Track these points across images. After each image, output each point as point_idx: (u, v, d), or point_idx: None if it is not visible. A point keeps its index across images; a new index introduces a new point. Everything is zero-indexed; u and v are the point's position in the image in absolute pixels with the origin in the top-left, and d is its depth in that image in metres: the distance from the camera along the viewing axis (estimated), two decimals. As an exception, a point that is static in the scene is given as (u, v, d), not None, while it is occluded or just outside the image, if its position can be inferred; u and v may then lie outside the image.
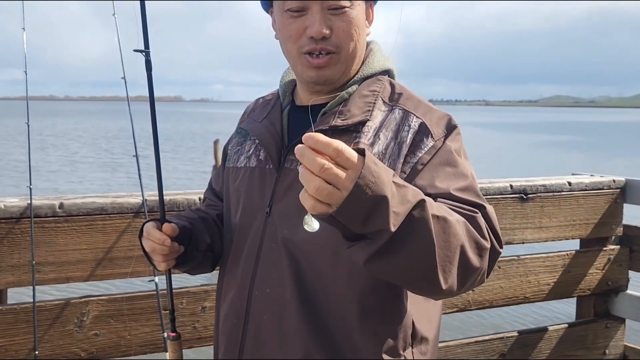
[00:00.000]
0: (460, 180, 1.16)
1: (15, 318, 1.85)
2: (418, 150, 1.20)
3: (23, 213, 1.83)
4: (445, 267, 0.98)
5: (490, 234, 1.11)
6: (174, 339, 1.30)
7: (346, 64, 1.27)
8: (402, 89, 1.33)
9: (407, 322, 1.23)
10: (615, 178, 2.72)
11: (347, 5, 1.22)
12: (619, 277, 2.73)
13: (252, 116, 1.44)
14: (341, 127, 1.24)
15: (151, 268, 1.89)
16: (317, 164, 0.85)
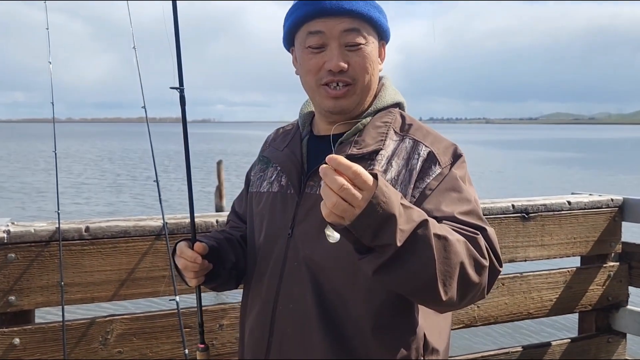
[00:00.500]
0: (464, 205, 1.26)
1: (44, 337, 1.94)
2: (426, 177, 1.31)
3: (52, 237, 1.94)
4: (445, 280, 1.09)
5: (490, 254, 1.21)
6: (203, 350, 1.39)
7: (361, 95, 1.39)
8: (411, 120, 1.44)
9: (419, 334, 1.32)
10: (613, 197, 2.82)
11: (362, 42, 1.35)
12: (619, 292, 2.82)
13: (273, 145, 1.56)
14: (357, 155, 1.34)
15: (172, 288, 2.01)
16: (337, 183, 0.97)
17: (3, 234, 1.89)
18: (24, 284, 1.91)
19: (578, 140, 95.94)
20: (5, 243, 1.89)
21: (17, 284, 1.91)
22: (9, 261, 1.89)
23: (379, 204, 1.00)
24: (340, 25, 1.33)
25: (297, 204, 1.39)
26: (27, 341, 1.91)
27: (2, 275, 1.89)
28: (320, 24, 1.34)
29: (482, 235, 1.21)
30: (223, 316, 2.13)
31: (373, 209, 0.99)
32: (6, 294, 1.90)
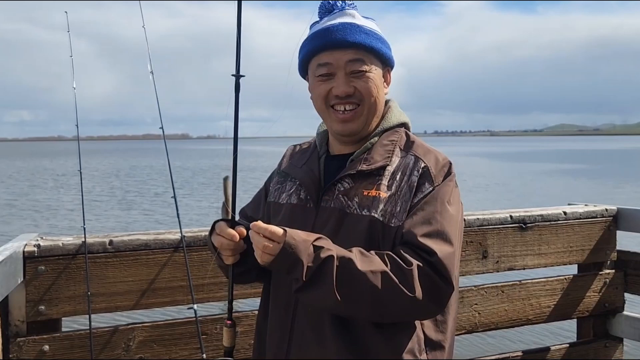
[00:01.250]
0: (430, 226, 1.40)
1: (71, 344, 2.08)
2: (420, 193, 1.46)
3: (78, 250, 2.08)
4: (350, 304, 1.34)
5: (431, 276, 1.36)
6: (230, 326, 1.52)
7: (367, 117, 1.55)
8: (414, 139, 1.59)
9: (417, 330, 1.46)
10: (607, 207, 2.95)
11: (366, 69, 1.51)
12: (615, 299, 2.94)
13: (292, 161, 1.71)
14: (366, 171, 1.50)
15: (189, 297, 2.14)
16: (258, 241, 1.35)
17: (34, 247, 2.04)
18: (53, 294, 2.06)
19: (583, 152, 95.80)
20: (36, 256, 2.04)
21: (47, 294, 2.05)
22: (39, 273, 2.04)
23: (287, 251, 1.33)
24: (345, 56, 1.50)
25: (315, 215, 1.53)
26: (56, 348, 2.05)
27: (32, 286, 2.03)
28: (328, 56, 1.51)
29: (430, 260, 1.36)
30: (237, 324, 2.26)
31: (285, 252, 1.33)
32: (36, 304, 2.04)
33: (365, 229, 1.45)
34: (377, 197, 1.46)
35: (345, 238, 1.45)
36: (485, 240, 2.65)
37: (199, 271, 2.22)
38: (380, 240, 1.44)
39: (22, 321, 2.04)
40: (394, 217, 1.44)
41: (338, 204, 1.50)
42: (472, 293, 2.63)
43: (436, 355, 1.49)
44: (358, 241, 1.43)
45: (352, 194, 1.50)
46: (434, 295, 1.37)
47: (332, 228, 1.48)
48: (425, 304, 1.36)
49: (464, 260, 2.60)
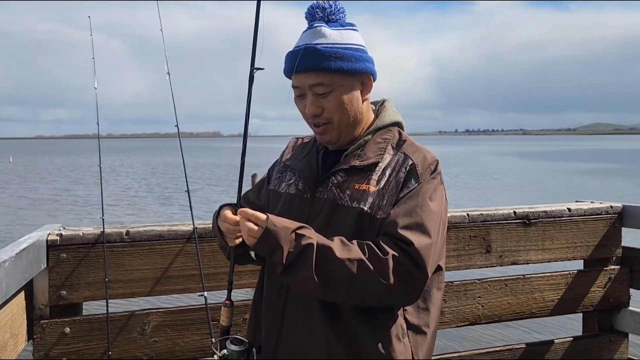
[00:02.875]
0: (409, 218, 1.50)
1: (90, 327, 2.23)
2: (405, 188, 1.56)
3: (97, 239, 2.23)
4: (328, 288, 1.45)
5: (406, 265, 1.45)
6: (229, 306, 1.63)
7: (341, 129, 1.64)
8: (406, 137, 1.69)
9: (400, 316, 1.56)
10: (612, 204, 2.99)
11: (329, 90, 1.59)
12: (620, 294, 2.98)
13: (294, 154, 1.82)
14: (359, 166, 1.61)
15: (200, 285, 2.28)
16: (243, 225, 1.49)
17: (56, 237, 2.19)
18: (74, 280, 2.21)
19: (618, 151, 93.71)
20: (58, 245, 2.19)
21: (68, 280, 2.20)
22: (61, 260, 2.19)
23: (268, 235, 1.46)
24: (308, 80, 1.60)
25: (310, 205, 1.65)
26: (76, 330, 2.21)
27: (55, 272, 2.19)
28: (296, 80, 1.63)
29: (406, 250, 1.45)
30: (246, 311, 2.38)
31: (266, 236, 1.46)
32: (58, 289, 2.19)
33: (354, 219, 1.55)
34: (367, 190, 1.57)
35: (335, 227, 1.56)
36: (489, 235, 2.73)
37: (210, 261, 2.35)
38: (367, 230, 1.54)
39: (45, 305, 2.20)
40: (380, 209, 1.54)
41: (331, 195, 1.61)
42: (476, 286, 2.71)
43: (417, 340, 1.59)
44: (347, 230, 1.54)
45: (345, 186, 1.60)
46: (408, 283, 1.46)
47: (325, 217, 1.59)
48: (399, 290, 1.46)
49: (468, 254, 2.68)
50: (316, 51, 1.58)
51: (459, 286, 2.68)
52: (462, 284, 2.69)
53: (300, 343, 1.59)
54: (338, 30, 1.63)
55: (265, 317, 1.70)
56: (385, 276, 1.43)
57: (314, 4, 1.65)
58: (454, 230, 2.66)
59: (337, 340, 1.53)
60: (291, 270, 1.46)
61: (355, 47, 1.63)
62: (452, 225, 2.65)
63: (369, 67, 1.65)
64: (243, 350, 1.56)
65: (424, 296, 1.61)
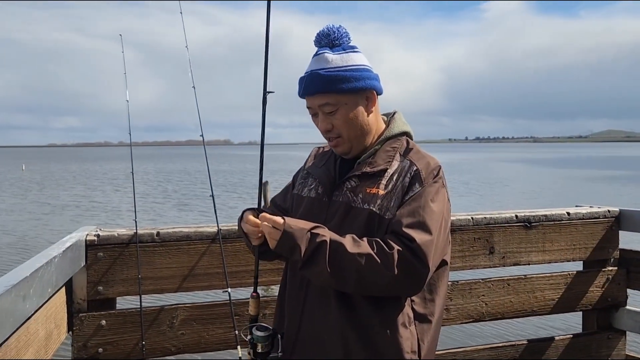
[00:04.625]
0: (413, 218, 1.69)
1: (124, 320, 2.44)
2: (410, 191, 1.75)
3: (131, 240, 2.44)
4: (339, 280, 1.66)
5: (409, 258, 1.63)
6: (255, 297, 1.84)
7: (351, 141, 1.84)
8: (413, 146, 1.88)
9: (407, 306, 1.75)
10: (610, 209, 3.17)
11: (334, 109, 1.80)
12: (618, 294, 3.15)
13: (315, 162, 2.04)
14: (369, 173, 1.81)
15: (224, 282, 2.48)
16: (264, 229, 1.72)
17: (94, 237, 2.41)
18: (109, 277, 2.42)
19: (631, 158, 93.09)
20: (96, 244, 2.40)
21: (104, 277, 2.41)
22: (98, 259, 2.40)
23: (287, 234, 1.67)
24: (316, 102, 1.82)
25: (327, 207, 1.85)
26: (112, 323, 2.41)
27: (92, 270, 2.40)
28: (308, 102, 1.85)
29: (412, 246, 1.64)
30: (266, 307, 2.57)
31: (284, 238, 1.68)
32: (96, 285, 2.40)
33: (365, 219, 1.75)
34: (377, 194, 1.76)
35: (349, 226, 1.76)
36: (492, 237, 2.91)
37: (233, 260, 2.55)
38: (376, 229, 1.74)
39: (83, 300, 2.41)
40: (388, 210, 1.74)
41: (345, 198, 1.81)
42: (479, 285, 2.89)
43: (423, 327, 1.78)
44: (359, 229, 1.74)
45: (358, 191, 1.80)
46: (411, 275, 1.65)
47: (340, 218, 1.80)
48: (403, 282, 1.65)
49: (472, 255, 2.87)
50: (320, 76, 1.79)
51: (463, 285, 2.86)
52: (467, 283, 2.88)
53: (318, 329, 1.78)
54: (340, 55, 1.82)
55: (288, 308, 1.90)
56: (390, 268, 1.62)
57: (320, 31, 1.86)
58: (459, 232, 2.84)
59: (349, 327, 1.73)
60: (308, 265, 1.67)
61: (355, 67, 1.81)
62: (457, 228, 2.83)
63: (370, 83, 1.83)
64: (267, 336, 1.76)
65: (430, 288, 1.80)
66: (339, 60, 1.81)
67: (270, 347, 1.78)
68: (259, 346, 1.76)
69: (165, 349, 2.49)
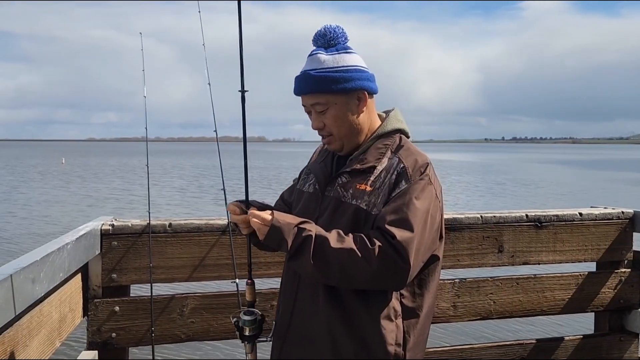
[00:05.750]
0: (396, 215, 1.72)
1: (136, 307, 2.54)
2: (397, 188, 1.78)
3: (143, 230, 2.54)
4: (323, 272, 1.72)
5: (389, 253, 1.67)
6: (251, 285, 1.93)
7: (342, 139, 1.89)
8: (405, 143, 1.91)
9: (394, 299, 1.79)
10: (624, 210, 3.14)
11: (325, 108, 1.86)
12: (631, 296, 3.12)
13: (316, 159, 2.09)
14: (359, 169, 1.85)
15: (233, 273, 2.55)
16: (253, 224, 1.77)
17: (109, 226, 2.51)
18: (123, 265, 2.52)
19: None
20: (111, 234, 2.51)
21: (118, 265, 2.52)
22: (112, 247, 2.51)
23: (275, 229, 1.74)
24: (308, 101, 1.88)
25: (320, 202, 1.91)
26: (124, 309, 2.51)
27: (107, 258, 2.51)
28: (302, 100, 1.91)
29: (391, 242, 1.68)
30: (273, 298, 2.64)
31: (272, 232, 1.74)
32: (110, 272, 2.51)
33: (352, 215, 1.80)
34: (365, 190, 1.80)
35: (338, 221, 1.81)
36: (502, 236, 2.92)
37: (242, 252, 2.61)
38: (363, 224, 1.78)
39: (98, 286, 2.52)
40: (375, 206, 1.78)
41: (336, 194, 1.87)
42: (488, 283, 2.91)
43: (410, 321, 1.81)
44: (347, 223, 1.79)
45: (348, 186, 1.85)
46: (392, 270, 1.68)
47: (330, 213, 1.85)
48: (384, 276, 1.69)
49: (480, 253, 2.88)
50: (311, 77, 1.84)
51: (471, 283, 2.88)
52: (475, 280, 2.89)
53: (307, 319, 1.85)
54: (332, 55, 1.86)
55: (282, 298, 1.97)
56: (371, 263, 1.67)
57: (317, 32, 1.91)
58: (468, 230, 2.86)
59: (336, 318, 1.78)
60: (295, 258, 1.74)
61: (346, 68, 1.85)
62: (465, 226, 2.85)
63: (360, 84, 1.86)
64: (252, 320, 1.85)
65: (420, 283, 1.84)
66: (331, 61, 1.86)
67: (257, 330, 1.87)
68: (246, 329, 1.85)
69: (175, 336, 2.58)
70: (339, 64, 1.86)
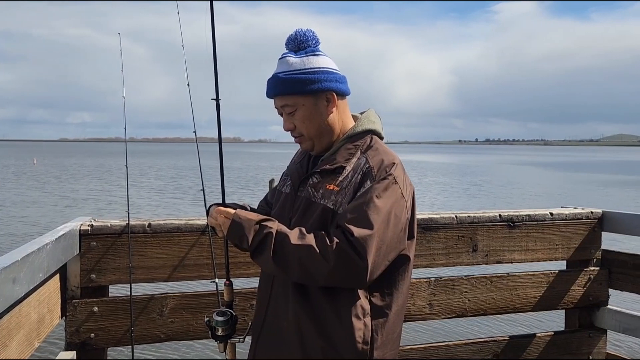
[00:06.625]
0: (355, 213, 1.75)
1: (115, 307, 2.55)
2: (362, 188, 1.81)
3: (123, 230, 2.55)
4: (283, 267, 1.76)
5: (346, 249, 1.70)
6: (229, 285, 1.97)
7: (313, 140, 1.94)
8: (374, 144, 1.93)
9: (363, 298, 1.81)
10: (593, 210, 3.24)
11: (294, 110, 1.91)
12: (599, 294, 3.22)
13: (295, 159, 2.13)
14: (328, 169, 1.89)
15: (212, 273, 2.58)
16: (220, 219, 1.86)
17: (88, 227, 2.52)
18: (102, 265, 2.53)
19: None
20: (90, 234, 2.52)
21: (97, 265, 2.52)
22: (91, 248, 2.51)
23: (236, 225, 1.80)
24: (278, 103, 1.93)
25: (294, 202, 1.95)
26: (103, 309, 2.52)
27: (86, 258, 2.51)
28: (274, 102, 1.95)
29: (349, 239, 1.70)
30: (253, 298, 2.67)
31: (233, 227, 1.81)
32: (89, 273, 2.51)
33: (320, 214, 1.83)
34: (333, 190, 1.83)
35: (307, 220, 1.85)
36: (476, 235, 2.99)
37: (222, 252, 2.61)
38: (331, 223, 1.81)
39: (77, 287, 2.52)
40: (341, 206, 1.80)
41: (307, 194, 1.90)
42: (462, 282, 2.98)
43: (379, 321, 1.83)
44: (315, 223, 1.82)
45: (319, 187, 1.88)
46: (349, 267, 1.71)
47: (302, 212, 1.89)
48: (342, 273, 1.71)
49: (455, 252, 2.95)
50: (280, 79, 1.89)
51: (447, 281, 2.95)
52: (450, 279, 2.96)
53: (279, 318, 1.88)
54: (300, 58, 1.90)
55: (258, 297, 2.01)
56: (328, 259, 1.70)
57: (289, 36, 1.96)
58: (443, 230, 2.93)
59: (305, 317, 1.81)
60: (256, 254, 1.80)
61: (313, 70, 1.88)
62: (441, 226, 2.92)
63: (327, 85, 1.90)
64: (224, 320, 1.89)
65: (390, 282, 1.86)
66: (299, 63, 1.89)
67: (230, 330, 1.90)
68: (219, 330, 1.89)
69: (155, 336, 2.60)
70: (306, 66, 1.89)
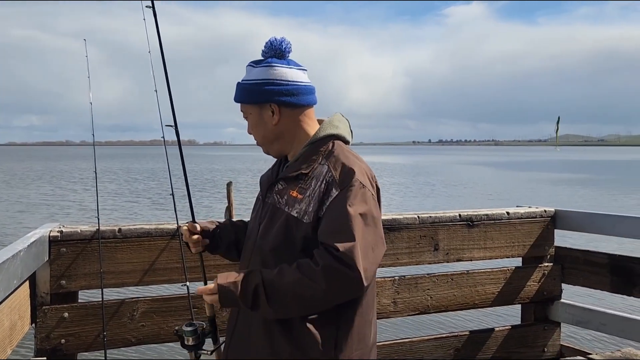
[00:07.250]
0: (333, 228, 1.77)
1: (86, 312, 2.56)
2: (327, 199, 1.82)
3: (93, 236, 2.56)
4: (280, 309, 1.75)
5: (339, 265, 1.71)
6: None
7: (265, 146, 2.00)
8: (335, 149, 1.94)
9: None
10: (546, 209, 3.41)
11: (247, 117, 1.99)
12: (553, 288, 3.40)
13: (270, 166, 2.14)
14: (291, 176, 1.91)
15: (183, 277, 2.61)
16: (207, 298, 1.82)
17: (57, 233, 2.52)
18: (72, 271, 2.53)
19: (589, 162, 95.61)
20: (59, 240, 2.52)
21: (67, 271, 2.53)
22: (61, 254, 2.52)
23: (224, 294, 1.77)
24: (240, 109, 2.01)
25: (262, 209, 2.00)
26: (74, 315, 2.53)
27: (55, 264, 2.51)
28: None
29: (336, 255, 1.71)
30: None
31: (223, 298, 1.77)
32: (58, 279, 2.52)
33: (284, 222, 1.85)
34: (296, 198, 1.86)
35: (274, 225, 1.87)
36: (437, 235, 3.12)
37: (192, 255, 2.63)
38: (295, 232, 1.83)
39: (47, 293, 2.52)
40: (306, 214, 1.82)
41: (273, 200, 1.93)
42: (425, 280, 3.10)
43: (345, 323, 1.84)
44: (281, 229, 1.85)
45: (283, 193, 1.90)
46: (343, 281, 1.72)
47: (268, 219, 1.89)
48: (339, 290, 1.74)
49: (418, 251, 3.06)
50: (238, 86, 1.98)
51: (410, 280, 3.06)
52: (413, 278, 3.07)
53: (248, 324, 1.91)
54: (256, 68, 1.95)
55: (230, 313, 2.07)
56: (321, 283, 1.71)
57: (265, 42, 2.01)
58: (406, 230, 3.04)
59: (274, 321, 1.83)
60: (255, 309, 1.78)
61: (257, 82, 1.93)
62: (404, 226, 3.03)
63: (268, 98, 1.93)
64: (192, 330, 1.94)
65: None
66: (254, 73, 1.95)
67: (198, 340, 1.94)
68: (189, 339, 1.94)
69: (126, 340, 2.62)
70: (258, 77, 1.93)
